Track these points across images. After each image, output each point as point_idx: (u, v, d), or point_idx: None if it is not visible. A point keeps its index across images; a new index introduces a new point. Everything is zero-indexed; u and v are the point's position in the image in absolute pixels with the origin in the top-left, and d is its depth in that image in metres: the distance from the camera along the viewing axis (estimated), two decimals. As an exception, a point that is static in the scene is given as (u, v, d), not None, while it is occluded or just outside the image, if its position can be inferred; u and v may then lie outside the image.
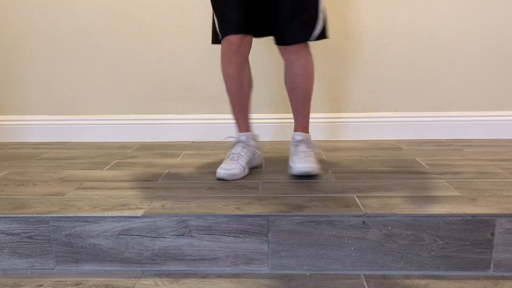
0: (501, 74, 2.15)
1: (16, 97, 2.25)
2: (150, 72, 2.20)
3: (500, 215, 1.15)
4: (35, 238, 1.20)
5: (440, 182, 1.44)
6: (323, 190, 1.37)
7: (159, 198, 1.32)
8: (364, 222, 1.16)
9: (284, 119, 2.20)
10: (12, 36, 2.19)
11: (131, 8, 2.13)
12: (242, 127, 1.63)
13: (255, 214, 1.18)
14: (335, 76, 2.17)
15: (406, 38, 2.13)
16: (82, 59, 2.20)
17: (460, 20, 2.10)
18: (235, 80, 1.55)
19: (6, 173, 1.63)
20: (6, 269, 1.22)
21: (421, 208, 1.19)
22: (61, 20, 2.16)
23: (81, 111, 2.25)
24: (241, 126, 1.63)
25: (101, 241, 1.20)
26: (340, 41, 2.14)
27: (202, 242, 1.19)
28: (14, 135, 2.26)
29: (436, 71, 2.16)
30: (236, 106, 1.61)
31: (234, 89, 1.57)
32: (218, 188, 1.41)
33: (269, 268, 1.19)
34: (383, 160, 1.76)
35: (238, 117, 1.63)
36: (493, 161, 1.71)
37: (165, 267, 1.20)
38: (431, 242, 1.16)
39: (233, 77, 1.55)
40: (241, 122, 1.63)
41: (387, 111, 2.20)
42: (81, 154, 1.93)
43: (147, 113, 2.23)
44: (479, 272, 1.17)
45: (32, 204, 1.28)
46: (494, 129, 2.17)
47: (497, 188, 1.36)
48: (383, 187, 1.38)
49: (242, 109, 1.62)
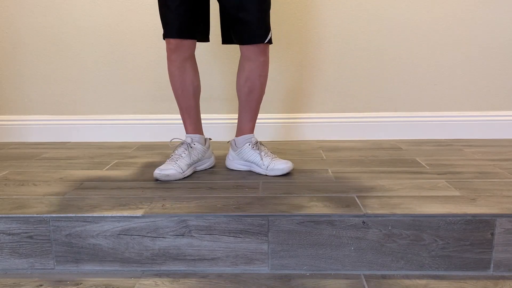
0: (501, 74, 2.15)
1: (17, 97, 2.25)
2: (150, 72, 2.19)
3: (500, 215, 1.15)
4: (35, 238, 1.20)
5: (440, 182, 1.44)
6: (323, 190, 1.37)
7: (159, 198, 1.32)
8: (364, 222, 1.16)
9: (285, 119, 2.20)
10: (13, 36, 2.19)
11: (131, 8, 2.13)
12: (188, 128, 1.63)
13: (255, 214, 1.18)
14: (334, 77, 2.17)
15: (406, 38, 2.13)
16: (82, 59, 2.20)
17: (460, 20, 2.10)
18: (176, 79, 1.58)
19: (6, 173, 1.63)
20: (6, 269, 1.22)
21: (421, 208, 1.19)
22: (61, 20, 2.16)
23: (81, 111, 2.25)
24: (187, 127, 1.63)
25: (101, 241, 1.20)
26: (339, 41, 2.14)
27: (202, 242, 1.19)
28: (14, 135, 2.26)
29: (436, 71, 2.16)
30: (181, 106, 1.62)
31: (177, 88, 1.59)
32: (218, 188, 1.41)
33: (269, 268, 1.19)
34: (383, 160, 1.76)
35: (184, 117, 1.63)
36: (493, 161, 1.71)
37: (165, 267, 1.20)
38: (431, 242, 1.16)
39: (173, 75, 1.57)
40: (187, 123, 1.63)
41: (387, 111, 2.20)
42: (81, 154, 1.93)
43: (147, 113, 2.23)
44: (479, 272, 1.17)
45: (32, 204, 1.28)
46: (494, 129, 2.17)
47: (497, 188, 1.36)
48: (383, 187, 1.38)
49: (188, 110, 1.62)
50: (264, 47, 1.52)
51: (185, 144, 1.59)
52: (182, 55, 1.54)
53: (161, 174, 1.48)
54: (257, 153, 1.57)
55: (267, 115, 2.19)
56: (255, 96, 1.60)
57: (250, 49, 1.51)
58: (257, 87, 1.58)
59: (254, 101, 1.61)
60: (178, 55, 1.53)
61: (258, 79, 1.57)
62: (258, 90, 1.59)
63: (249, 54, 1.52)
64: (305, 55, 2.15)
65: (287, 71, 2.17)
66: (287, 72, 2.17)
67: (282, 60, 2.16)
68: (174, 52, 1.53)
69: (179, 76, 1.57)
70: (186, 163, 1.54)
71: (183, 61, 1.55)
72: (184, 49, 1.53)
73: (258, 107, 1.64)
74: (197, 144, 1.60)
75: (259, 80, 1.57)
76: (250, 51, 1.51)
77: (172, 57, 1.54)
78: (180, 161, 1.53)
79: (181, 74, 1.57)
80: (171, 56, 1.54)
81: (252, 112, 1.62)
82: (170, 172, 1.49)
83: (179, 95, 1.60)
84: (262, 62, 1.55)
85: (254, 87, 1.58)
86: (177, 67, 1.55)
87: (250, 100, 1.61)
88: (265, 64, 1.57)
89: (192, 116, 1.63)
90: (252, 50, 1.51)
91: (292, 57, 2.16)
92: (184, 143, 1.59)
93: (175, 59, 1.54)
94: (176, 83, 1.58)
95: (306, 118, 2.20)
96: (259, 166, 1.56)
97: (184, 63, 1.56)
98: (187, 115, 1.62)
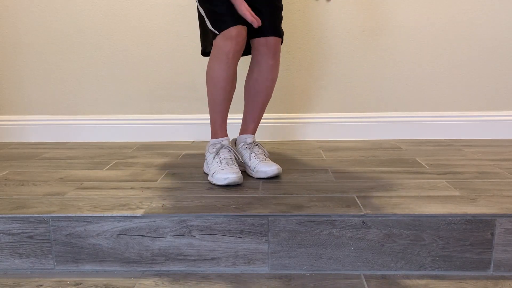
0: (501, 74, 2.15)
1: (17, 97, 2.25)
2: (150, 72, 2.20)
3: (500, 215, 1.15)
4: (35, 238, 1.20)
5: (440, 182, 1.44)
6: (323, 190, 1.37)
7: (159, 198, 1.32)
8: (364, 222, 1.16)
9: (285, 119, 2.20)
10: (12, 36, 2.19)
11: (131, 8, 2.13)
12: (224, 130, 1.58)
13: (255, 214, 1.18)
14: (334, 76, 2.18)
15: (406, 38, 2.13)
16: (82, 59, 2.20)
17: (460, 20, 2.10)
18: (231, 78, 1.50)
19: (6, 173, 1.63)
20: (6, 269, 1.22)
21: (421, 208, 1.19)
22: (61, 20, 2.16)
23: (81, 111, 2.25)
24: (224, 129, 1.58)
25: (101, 241, 1.20)
26: (339, 41, 2.14)
27: (202, 242, 1.19)
28: (14, 135, 2.26)
29: (436, 71, 2.16)
30: (225, 108, 1.55)
31: (229, 90, 1.52)
32: (218, 188, 1.41)
33: (269, 268, 1.19)
34: (383, 160, 1.76)
35: (225, 119, 1.57)
36: (493, 161, 1.71)
37: (165, 267, 1.20)
38: (431, 242, 1.16)
39: (230, 73, 1.49)
40: (225, 124, 1.58)
41: (387, 111, 2.20)
42: (81, 154, 1.93)
43: (147, 113, 2.23)
44: (479, 272, 1.17)
45: (32, 204, 1.28)
46: (494, 129, 2.17)
47: (497, 188, 1.36)
48: (383, 187, 1.38)
49: (226, 111, 1.57)
50: (274, 47, 1.53)
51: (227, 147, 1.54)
52: (240, 48, 1.46)
53: (239, 176, 1.42)
54: (247, 154, 1.56)
55: (267, 115, 2.19)
56: (261, 99, 1.60)
57: (261, 46, 1.52)
58: (263, 90, 1.58)
59: (259, 103, 1.61)
60: (239, 47, 1.44)
61: (265, 83, 1.57)
62: (264, 93, 1.59)
63: (259, 57, 1.54)
64: (305, 55, 2.16)
65: (287, 71, 2.17)
66: (287, 72, 2.17)
67: (282, 60, 2.16)
68: (238, 44, 1.43)
69: (233, 79, 1.51)
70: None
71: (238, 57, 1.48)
72: (242, 38, 1.45)
73: (263, 110, 1.63)
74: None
75: (266, 84, 1.57)
76: (261, 50, 1.53)
77: (236, 49, 1.44)
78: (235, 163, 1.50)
79: (234, 77, 1.51)
80: (233, 50, 1.44)
81: (256, 114, 1.62)
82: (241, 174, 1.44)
83: (227, 97, 1.53)
84: (270, 66, 1.55)
85: (260, 90, 1.58)
86: (235, 64, 1.48)
87: (255, 102, 1.61)
88: (274, 69, 1.56)
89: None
90: (262, 49, 1.53)
91: (292, 57, 2.16)
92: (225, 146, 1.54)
93: (239, 51, 1.46)
94: (229, 83, 1.50)
95: (306, 118, 2.20)
96: (248, 167, 1.54)
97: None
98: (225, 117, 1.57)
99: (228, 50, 1.44)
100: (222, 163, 1.45)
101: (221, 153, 1.49)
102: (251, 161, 1.53)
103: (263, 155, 1.55)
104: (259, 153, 1.55)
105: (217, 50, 1.47)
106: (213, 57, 1.49)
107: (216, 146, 1.52)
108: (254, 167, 1.51)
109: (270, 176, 1.49)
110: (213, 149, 1.52)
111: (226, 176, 1.40)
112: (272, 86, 1.60)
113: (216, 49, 1.47)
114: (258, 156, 1.53)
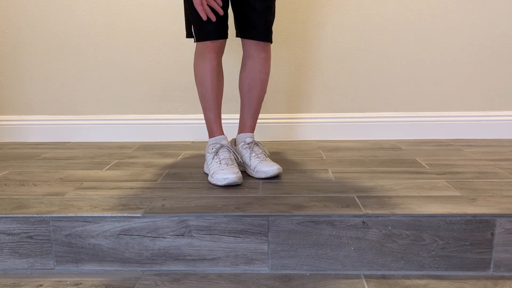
0: (501, 74, 2.15)
1: (17, 97, 2.25)
2: (150, 72, 2.20)
3: (500, 215, 1.15)
4: (35, 238, 1.20)
5: (440, 182, 1.44)
6: (323, 190, 1.37)
7: (159, 198, 1.32)
8: (364, 222, 1.16)
9: (285, 119, 2.20)
10: (12, 36, 2.19)
11: (131, 8, 2.13)
12: (220, 129, 1.60)
13: (255, 214, 1.18)
14: (334, 76, 2.18)
15: (406, 38, 2.13)
16: (82, 59, 2.20)
17: (460, 20, 2.10)
18: (215, 79, 1.55)
19: (6, 173, 1.63)
20: (6, 269, 1.22)
21: (421, 208, 1.19)
22: (61, 20, 2.16)
23: (81, 111, 2.25)
24: (220, 128, 1.60)
25: (101, 241, 1.20)
26: (339, 41, 2.14)
27: (202, 242, 1.19)
28: (14, 135, 2.26)
29: (436, 71, 2.16)
30: (217, 105, 1.58)
31: (217, 91, 1.57)
32: (218, 188, 1.41)
33: (269, 268, 1.19)
34: (383, 160, 1.76)
35: (219, 117, 1.60)
36: (493, 161, 1.71)
37: (165, 267, 1.20)
38: (431, 242, 1.16)
39: (213, 75, 1.54)
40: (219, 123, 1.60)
41: (387, 111, 2.20)
42: (81, 154, 1.93)
43: (147, 113, 2.23)
44: (479, 272, 1.17)
45: (32, 204, 1.28)
46: (494, 129, 2.17)
47: (497, 188, 1.36)
48: (383, 187, 1.38)
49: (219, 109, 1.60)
50: (264, 44, 1.54)
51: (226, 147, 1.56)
52: (220, 55, 1.55)
53: (239, 176, 1.42)
54: (247, 154, 1.55)
55: (267, 115, 2.19)
56: (256, 93, 1.59)
57: (252, 44, 1.53)
58: (258, 84, 1.58)
59: (254, 98, 1.60)
60: (219, 55, 1.54)
61: (259, 76, 1.57)
62: (258, 88, 1.59)
63: (251, 50, 1.54)
64: (305, 55, 2.16)
65: (287, 71, 2.17)
66: (287, 72, 2.17)
67: (282, 60, 2.16)
68: (219, 53, 1.53)
69: (217, 74, 1.55)
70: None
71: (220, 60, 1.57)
72: (222, 49, 1.55)
73: (259, 105, 1.63)
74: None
75: (260, 77, 1.57)
76: (252, 47, 1.53)
77: (217, 57, 1.53)
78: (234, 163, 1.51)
79: (219, 73, 1.56)
80: (215, 57, 1.52)
81: (253, 110, 1.62)
82: (240, 175, 1.45)
83: (215, 97, 1.57)
84: (263, 59, 1.55)
85: (254, 84, 1.58)
86: (218, 58, 1.54)
87: (250, 98, 1.60)
88: (266, 61, 1.57)
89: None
90: (254, 46, 1.53)
91: (292, 57, 2.16)
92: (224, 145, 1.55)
93: (217, 58, 1.53)
94: (215, 76, 1.55)
95: (306, 118, 2.20)
96: (248, 167, 1.54)
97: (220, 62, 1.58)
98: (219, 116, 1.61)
99: (209, 49, 1.51)
100: (222, 163, 1.45)
101: (221, 153, 1.50)
102: (251, 161, 1.52)
103: (263, 154, 1.55)
104: (259, 152, 1.55)
105: (199, 47, 1.53)
106: (196, 54, 1.56)
107: (215, 146, 1.52)
108: (255, 167, 1.50)
109: (271, 176, 1.48)
110: (212, 149, 1.52)
111: (226, 177, 1.40)
112: (266, 79, 1.60)
113: (198, 46, 1.54)
114: (259, 156, 1.53)
